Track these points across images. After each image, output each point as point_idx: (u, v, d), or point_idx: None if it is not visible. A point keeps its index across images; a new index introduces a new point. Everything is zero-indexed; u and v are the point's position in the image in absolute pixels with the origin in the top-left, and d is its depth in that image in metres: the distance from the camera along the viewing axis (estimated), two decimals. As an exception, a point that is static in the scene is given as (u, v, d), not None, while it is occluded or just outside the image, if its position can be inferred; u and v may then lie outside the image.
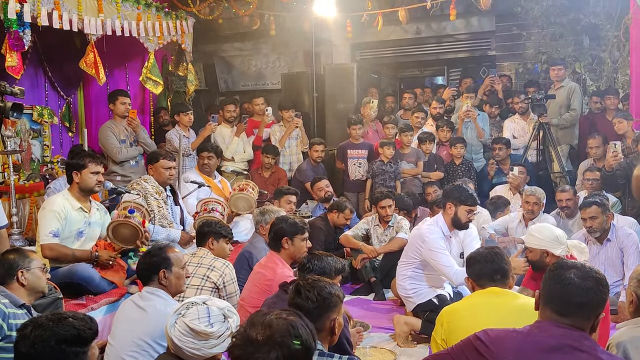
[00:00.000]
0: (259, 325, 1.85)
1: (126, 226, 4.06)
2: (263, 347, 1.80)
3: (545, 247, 3.61)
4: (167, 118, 7.37)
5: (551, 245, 3.59)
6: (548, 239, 3.61)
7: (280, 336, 1.83)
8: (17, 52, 4.93)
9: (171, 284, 3.13)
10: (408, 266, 4.42)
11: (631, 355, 2.22)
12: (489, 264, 2.91)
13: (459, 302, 3.13)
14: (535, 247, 3.66)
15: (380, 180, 6.86)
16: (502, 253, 3.01)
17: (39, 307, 3.16)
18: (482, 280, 2.92)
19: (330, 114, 8.29)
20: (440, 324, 2.81)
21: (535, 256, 3.67)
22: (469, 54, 9.28)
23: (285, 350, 1.81)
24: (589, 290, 1.99)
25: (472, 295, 2.97)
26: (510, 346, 2.01)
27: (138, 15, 6.13)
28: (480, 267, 2.93)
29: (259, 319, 1.88)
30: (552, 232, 3.66)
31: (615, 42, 7.08)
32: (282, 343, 1.82)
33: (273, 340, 1.81)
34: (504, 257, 2.97)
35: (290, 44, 9.06)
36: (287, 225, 3.79)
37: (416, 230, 4.52)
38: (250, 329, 1.85)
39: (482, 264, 2.93)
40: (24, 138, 5.95)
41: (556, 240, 3.60)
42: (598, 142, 6.21)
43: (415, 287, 4.36)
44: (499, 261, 2.92)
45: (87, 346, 1.97)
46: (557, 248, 3.58)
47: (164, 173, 4.87)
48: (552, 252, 3.57)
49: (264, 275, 3.70)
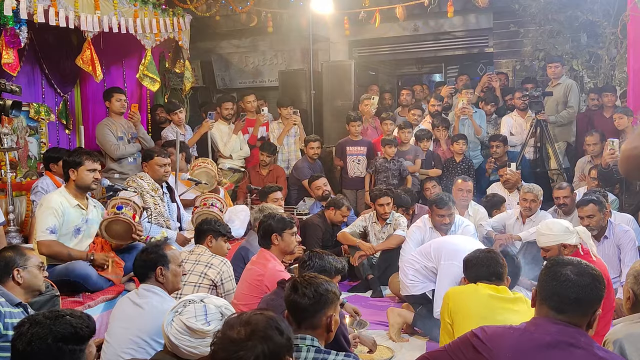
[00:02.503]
0: (237, 325, 1.85)
1: (118, 223, 4.06)
2: (247, 343, 1.80)
3: (561, 241, 3.70)
4: (164, 115, 7.35)
5: (565, 236, 3.70)
6: (560, 232, 3.72)
7: (263, 329, 1.83)
8: (14, 49, 4.92)
9: (168, 281, 3.13)
10: (412, 259, 4.43)
11: (627, 352, 2.22)
12: (485, 268, 3.09)
13: (463, 286, 3.26)
14: (552, 244, 3.75)
15: (383, 177, 6.86)
16: (497, 257, 3.15)
17: (35, 304, 3.15)
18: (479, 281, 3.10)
19: (328, 111, 8.29)
20: (447, 303, 3.01)
21: (554, 253, 3.72)
22: (467, 51, 9.29)
23: (270, 343, 1.81)
24: (586, 287, 2.00)
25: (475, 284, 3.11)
26: (507, 343, 2.02)
27: (135, 12, 6.11)
28: (477, 271, 3.11)
29: (235, 320, 1.88)
30: (560, 224, 3.79)
31: (613, 39, 7.08)
32: (266, 336, 1.82)
33: (256, 335, 1.81)
34: (499, 260, 3.13)
35: (287, 42, 9.05)
36: (274, 222, 3.85)
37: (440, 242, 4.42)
38: (230, 331, 1.84)
39: (478, 267, 3.11)
40: (21, 135, 5.92)
41: (567, 231, 3.72)
42: (596, 139, 6.21)
43: (415, 279, 4.39)
44: (495, 265, 3.10)
45: (84, 344, 1.96)
46: (571, 237, 3.69)
47: (158, 170, 4.86)
48: (568, 242, 3.68)
49: (255, 271, 3.73)
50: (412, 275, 4.39)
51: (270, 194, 5.72)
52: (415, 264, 4.40)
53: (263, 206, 4.96)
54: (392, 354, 3.99)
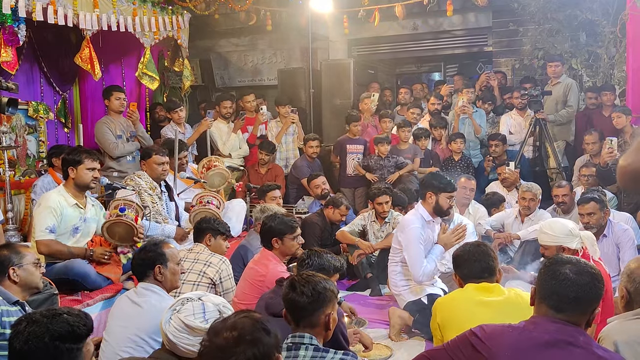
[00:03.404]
0: (224, 331, 1.83)
1: (120, 225, 4.06)
2: (236, 348, 1.78)
3: (560, 243, 3.55)
4: (163, 114, 7.34)
5: (566, 240, 3.55)
6: (562, 234, 3.57)
7: (251, 333, 1.82)
8: (12, 47, 4.91)
9: (166, 280, 3.12)
10: (396, 260, 4.44)
11: (620, 349, 2.23)
12: (477, 263, 2.94)
13: (451, 294, 3.15)
14: (551, 244, 3.61)
15: (379, 174, 6.86)
16: (488, 250, 3.01)
17: (34, 303, 3.14)
18: (470, 280, 2.96)
19: (327, 110, 8.28)
20: (435, 314, 2.90)
21: (552, 253, 3.56)
22: (466, 50, 9.27)
23: (259, 345, 1.80)
24: (585, 286, 2.00)
25: (463, 288, 2.99)
26: (506, 342, 2.01)
27: (134, 10, 6.11)
28: (468, 267, 2.96)
29: (221, 326, 1.87)
30: (564, 226, 3.62)
31: (612, 38, 7.08)
32: (254, 339, 1.81)
33: (244, 339, 1.80)
34: (490, 254, 2.98)
35: (286, 40, 9.03)
36: (275, 225, 3.78)
37: (400, 219, 4.57)
38: (216, 338, 1.83)
39: (469, 263, 2.95)
40: (20, 134, 5.92)
41: (570, 234, 3.56)
42: (594, 138, 6.21)
43: (405, 283, 4.37)
44: (486, 259, 2.95)
45: (81, 342, 1.96)
46: (572, 241, 3.53)
47: (156, 169, 4.86)
48: (568, 246, 3.52)
49: (257, 271, 3.71)
50: (400, 282, 4.39)
51: (268, 192, 5.70)
52: (395, 267, 4.40)
53: (264, 206, 4.93)
54: (391, 353, 3.99)
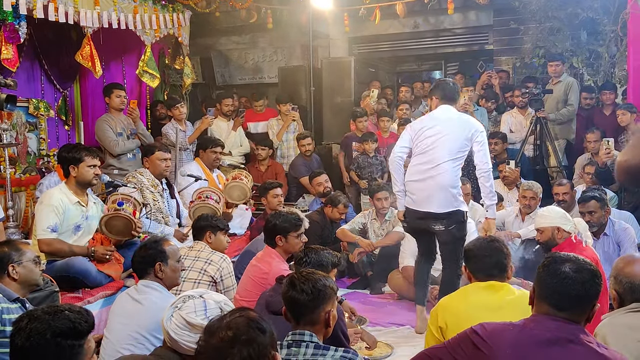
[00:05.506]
0: (219, 331, 1.83)
1: (118, 219, 4.06)
2: (232, 349, 1.78)
3: (556, 224, 3.95)
4: (164, 112, 7.34)
5: (561, 221, 3.96)
6: (558, 215, 4.01)
7: (245, 332, 1.81)
8: (13, 44, 4.91)
9: (167, 277, 3.12)
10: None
11: (608, 340, 2.27)
12: (487, 259, 2.86)
13: (454, 295, 3.05)
14: (547, 226, 3.99)
15: (367, 173, 6.87)
16: (501, 247, 2.93)
17: (35, 300, 3.15)
18: (479, 274, 2.88)
19: (328, 107, 8.27)
20: (435, 318, 2.80)
21: (547, 235, 3.99)
22: (467, 49, 9.26)
23: (255, 345, 1.80)
24: (585, 283, 2.00)
25: (468, 288, 2.94)
26: (507, 340, 2.01)
27: (134, 8, 6.10)
28: (478, 262, 2.88)
29: (215, 325, 1.87)
30: (560, 210, 4.15)
31: (613, 37, 7.06)
32: (250, 339, 1.80)
33: (240, 340, 1.80)
34: (503, 250, 2.90)
35: (287, 38, 9.02)
36: (279, 223, 3.77)
37: None
38: (211, 338, 1.83)
39: (480, 258, 2.88)
40: (20, 131, 5.91)
41: (565, 217, 4.01)
42: (596, 137, 6.20)
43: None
44: (498, 255, 2.87)
45: (82, 339, 1.96)
46: (567, 224, 3.96)
47: (159, 165, 4.86)
48: (563, 227, 3.94)
49: (260, 268, 3.70)
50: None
51: (270, 190, 5.70)
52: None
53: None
54: (392, 351, 4.00)
